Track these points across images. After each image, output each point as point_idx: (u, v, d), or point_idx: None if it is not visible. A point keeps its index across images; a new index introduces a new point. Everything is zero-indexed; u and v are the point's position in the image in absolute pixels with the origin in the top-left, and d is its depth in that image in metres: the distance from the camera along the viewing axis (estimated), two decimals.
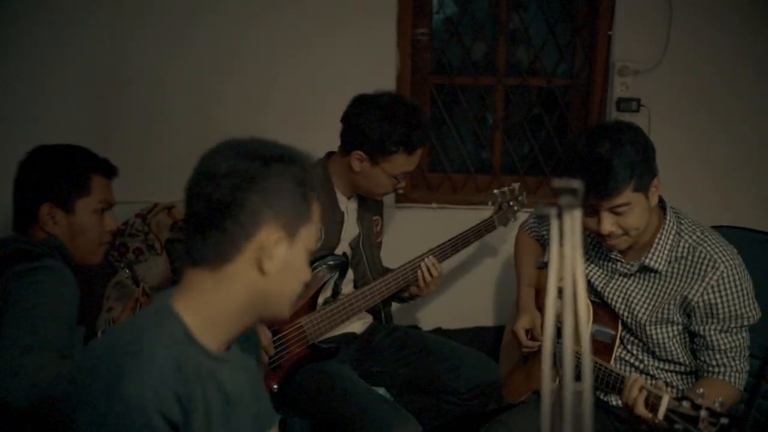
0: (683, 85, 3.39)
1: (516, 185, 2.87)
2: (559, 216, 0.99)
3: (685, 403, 1.78)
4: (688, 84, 3.39)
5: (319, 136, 2.64)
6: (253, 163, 1.39)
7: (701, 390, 1.80)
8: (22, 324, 1.95)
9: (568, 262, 0.98)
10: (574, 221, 0.99)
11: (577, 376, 1.01)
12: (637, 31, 3.37)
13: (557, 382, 1.02)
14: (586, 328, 1.00)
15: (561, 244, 0.98)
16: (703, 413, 1.73)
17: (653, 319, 2.28)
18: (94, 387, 1.31)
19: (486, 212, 2.91)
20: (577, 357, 1.05)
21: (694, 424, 1.73)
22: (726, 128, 3.42)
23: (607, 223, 2.13)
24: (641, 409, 1.91)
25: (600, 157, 2.07)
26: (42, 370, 1.89)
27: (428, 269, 2.65)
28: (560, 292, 1.00)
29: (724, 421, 1.71)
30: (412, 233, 3.32)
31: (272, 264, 1.41)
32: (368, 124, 2.50)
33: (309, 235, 1.47)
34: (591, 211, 2.12)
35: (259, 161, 1.40)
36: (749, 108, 3.40)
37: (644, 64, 3.35)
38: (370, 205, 2.77)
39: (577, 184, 0.99)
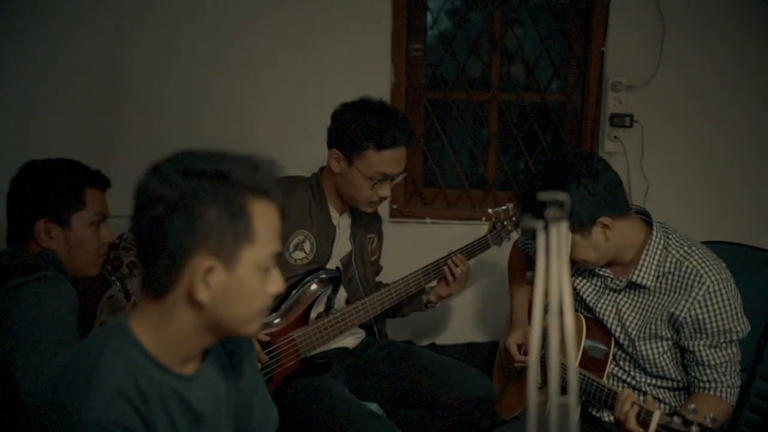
0: (677, 100, 3.40)
1: (510, 205, 2.88)
2: (546, 229, 0.99)
3: (677, 419, 1.77)
4: (682, 98, 3.40)
5: (311, 148, 2.65)
6: (177, 187, 1.31)
7: (692, 406, 1.79)
8: (31, 341, 1.95)
9: (554, 275, 0.98)
10: (560, 234, 0.99)
11: (567, 390, 1.00)
12: (629, 46, 3.38)
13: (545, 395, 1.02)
14: (573, 340, 1.00)
15: (547, 257, 0.99)
16: (694, 429, 1.73)
17: (643, 335, 2.27)
18: (54, 414, 1.30)
19: (480, 227, 2.90)
20: (565, 371, 1.05)
21: None
22: (721, 142, 3.43)
23: None
24: (633, 425, 1.91)
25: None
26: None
27: (456, 265, 2.68)
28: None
29: None
30: (406, 248, 3.32)
31: (208, 293, 1.34)
32: (343, 121, 2.52)
33: (256, 256, 1.36)
34: None
35: (185, 184, 1.31)
36: (745, 120, 3.40)
37: (637, 80, 3.36)
38: (365, 223, 2.76)
39: (563, 196, 0.99)
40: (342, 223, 2.67)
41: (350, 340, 2.73)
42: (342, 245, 2.67)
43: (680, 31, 3.33)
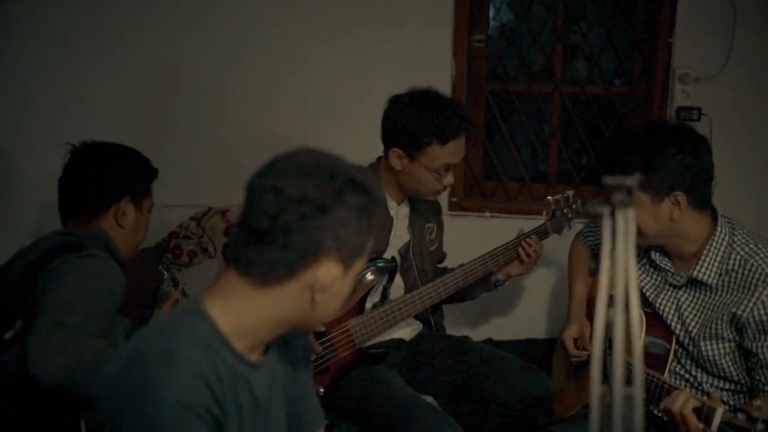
0: (747, 93, 3.29)
1: (570, 192, 2.82)
2: (612, 215, 0.94)
3: (741, 416, 1.71)
4: (753, 92, 3.29)
5: (373, 141, 2.63)
6: (326, 191, 1.32)
7: (758, 402, 1.73)
8: (59, 301, 1.99)
9: (620, 264, 0.94)
10: (627, 221, 0.95)
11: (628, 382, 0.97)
12: (699, 38, 3.28)
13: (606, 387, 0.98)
14: (639, 332, 0.96)
15: (613, 245, 0.95)
16: (759, 426, 1.66)
17: (704, 335, 2.20)
18: (134, 393, 1.30)
19: (541, 221, 2.86)
20: (628, 366, 1.01)
21: None
22: None
23: None
24: (693, 421, 1.84)
25: (632, 141, 2.07)
26: (76, 350, 1.92)
27: (531, 246, 2.69)
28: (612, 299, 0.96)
29: None
30: (465, 242, 3.28)
31: (324, 296, 1.38)
32: (400, 118, 2.49)
33: (360, 265, 1.43)
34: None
35: (332, 190, 1.33)
36: None
37: (706, 72, 3.26)
38: (423, 212, 2.74)
39: (631, 181, 0.95)
40: (400, 213, 2.66)
41: (407, 331, 2.71)
42: (400, 235, 2.66)
43: (752, 20, 3.22)
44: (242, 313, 1.39)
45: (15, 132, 3.64)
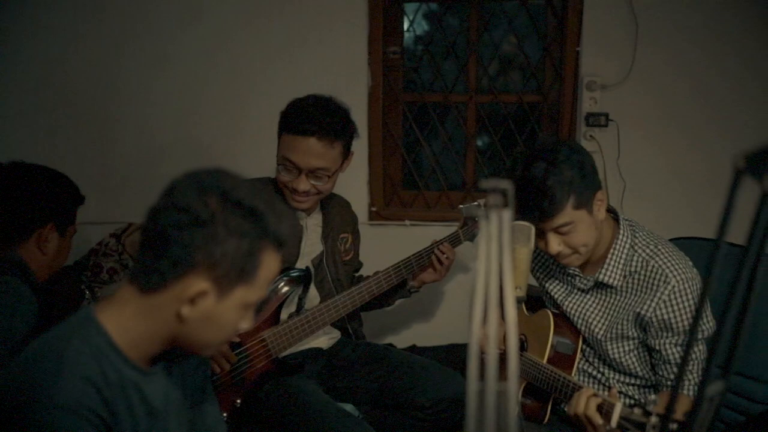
0: (651, 99, 3.41)
1: (482, 200, 2.88)
2: (487, 217, 0.99)
3: (637, 410, 1.77)
4: (656, 97, 3.41)
5: None
6: (208, 206, 1.34)
7: (653, 397, 1.79)
8: None
9: (494, 263, 0.99)
10: (501, 221, 0.99)
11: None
12: (604, 46, 3.40)
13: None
14: (515, 328, 1.00)
15: (489, 245, 0.99)
16: (653, 419, 1.73)
17: (610, 336, 2.27)
18: (23, 398, 1.32)
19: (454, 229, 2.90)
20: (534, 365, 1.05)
21: (644, 430, 1.73)
22: (696, 140, 3.43)
23: (554, 244, 2.15)
24: (596, 417, 1.91)
25: (534, 179, 2.08)
26: None
27: (444, 253, 2.71)
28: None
29: (673, 426, 1.70)
30: (385, 250, 3.31)
31: (192, 312, 1.38)
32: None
33: (246, 297, 1.41)
34: (539, 232, 2.12)
35: (214, 206, 1.34)
36: (719, 119, 3.40)
37: (612, 79, 3.37)
38: (337, 223, 2.76)
39: (505, 184, 1.00)
40: (310, 222, 2.67)
41: (324, 340, 2.73)
42: (312, 245, 2.67)
43: (653, 31, 3.35)
44: (129, 321, 1.42)
45: None
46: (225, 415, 2.41)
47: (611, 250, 2.24)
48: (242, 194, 1.37)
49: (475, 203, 2.82)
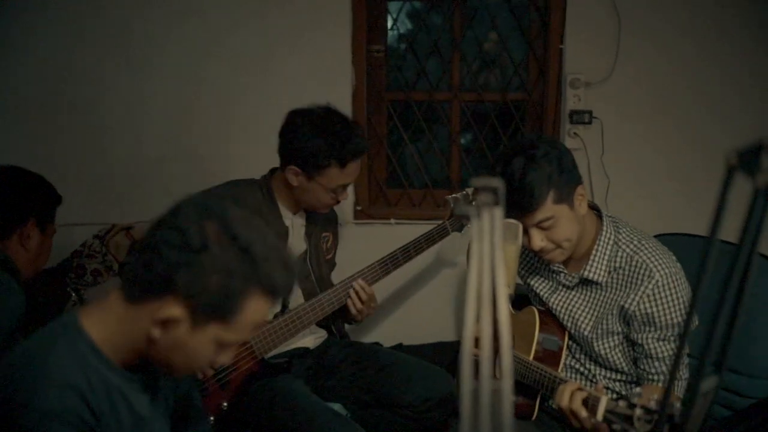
0: (635, 96, 3.42)
1: (470, 190, 2.86)
2: (479, 214, 0.99)
3: (622, 403, 1.78)
4: (640, 94, 3.42)
5: (275, 153, 2.64)
6: (202, 233, 1.31)
7: (638, 389, 1.80)
8: None
9: (486, 261, 0.98)
10: (493, 220, 0.99)
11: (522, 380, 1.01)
12: (587, 44, 3.40)
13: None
14: (507, 327, 1.00)
15: (481, 242, 0.99)
16: (638, 411, 1.74)
17: (596, 333, 2.28)
18: (7, 404, 1.31)
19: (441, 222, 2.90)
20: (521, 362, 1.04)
21: (631, 423, 1.74)
22: (681, 136, 3.44)
23: (537, 239, 2.16)
24: (581, 411, 1.92)
25: (513, 175, 2.09)
26: None
27: (357, 294, 2.60)
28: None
29: (657, 417, 1.71)
30: (370, 249, 3.31)
31: (162, 335, 1.36)
32: (300, 138, 2.49)
33: (221, 336, 1.36)
34: (522, 228, 2.13)
35: (207, 235, 1.31)
36: (705, 114, 3.42)
37: (595, 77, 3.38)
38: (320, 222, 2.76)
39: (497, 182, 1.00)
40: (295, 222, 2.67)
41: (310, 339, 2.73)
42: (296, 244, 2.67)
43: (636, 27, 3.36)
44: (112, 327, 1.41)
45: None
46: (212, 418, 2.40)
47: (595, 247, 2.25)
48: (242, 230, 1.33)
49: (464, 192, 2.82)
